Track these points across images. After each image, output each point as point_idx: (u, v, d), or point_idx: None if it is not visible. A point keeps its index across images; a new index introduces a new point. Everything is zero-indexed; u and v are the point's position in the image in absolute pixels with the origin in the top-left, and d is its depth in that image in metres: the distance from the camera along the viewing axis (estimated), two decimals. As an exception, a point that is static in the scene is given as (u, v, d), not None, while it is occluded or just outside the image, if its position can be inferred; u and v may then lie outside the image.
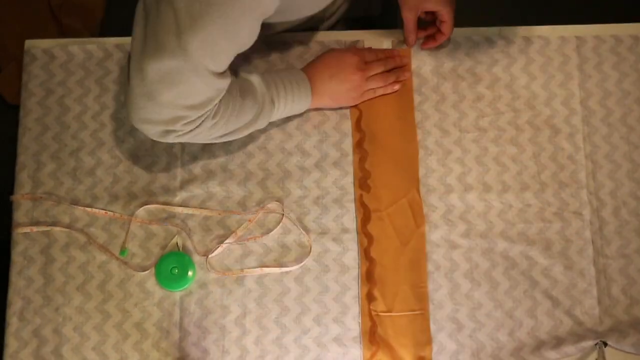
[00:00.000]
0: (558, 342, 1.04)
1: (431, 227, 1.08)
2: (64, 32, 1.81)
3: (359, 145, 1.11)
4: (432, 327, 1.05)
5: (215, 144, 1.09)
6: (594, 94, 1.12)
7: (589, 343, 1.03)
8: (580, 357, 1.04)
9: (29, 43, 1.15)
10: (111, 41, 1.15)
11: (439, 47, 1.13)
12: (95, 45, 1.14)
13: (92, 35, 1.75)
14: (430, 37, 1.12)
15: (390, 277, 1.07)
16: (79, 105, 1.13)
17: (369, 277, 1.07)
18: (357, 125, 1.12)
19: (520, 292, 1.06)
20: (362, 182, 1.10)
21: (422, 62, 1.14)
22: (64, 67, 1.14)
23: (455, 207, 1.09)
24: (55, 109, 1.12)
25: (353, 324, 1.06)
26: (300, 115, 1.11)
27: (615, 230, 1.08)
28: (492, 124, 1.11)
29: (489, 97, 1.12)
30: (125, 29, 1.15)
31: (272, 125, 1.10)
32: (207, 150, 1.11)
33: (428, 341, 1.04)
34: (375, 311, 1.05)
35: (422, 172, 1.10)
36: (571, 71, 1.13)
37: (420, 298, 1.06)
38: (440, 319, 1.05)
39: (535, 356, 1.03)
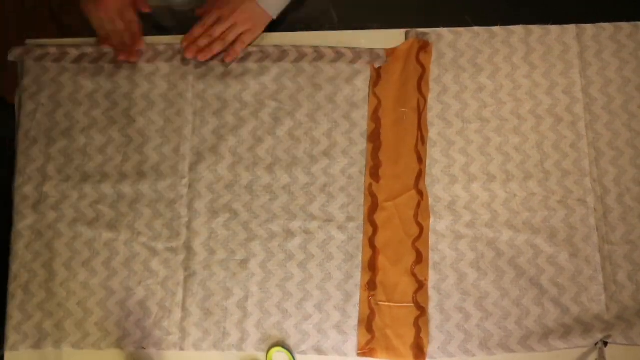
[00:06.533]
0: (565, 330, 0.99)
1: (436, 218, 1.04)
2: (64, 31, 1.81)
3: (373, 135, 1.08)
4: (440, 317, 1.00)
5: (225, 127, 1.07)
6: (595, 82, 1.09)
7: (596, 335, 0.98)
8: (580, 356, 1.00)
9: (29, 43, 1.12)
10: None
11: (440, 38, 1.11)
12: (90, 46, 1.11)
13: (92, 34, 1.76)
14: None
15: (392, 268, 1.02)
16: (92, 84, 1.10)
17: (371, 266, 1.02)
18: (374, 115, 1.08)
19: (527, 281, 1.01)
20: (373, 171, 1.06)
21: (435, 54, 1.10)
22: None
23: (460, 197, 1.04)
24: (70, 86, 1.10)
25: (354, 312, 1.01)
26: (311, 101, 1.09)
27: (619, 217, 1.03)
28: (495, 114, 1.08)
29: (491, 88, 1.09)
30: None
31: (282, 112, 1.08)
32: (217, 133, 1.07)
33: (425, 334, 1.00)
34: (374, 300, 1.02)
35: (426, 163, 1.06)
36: (572, 60, 1.10)
37: (421, 291, 1.02)
38: (448, 309, 1.00)
39: (543, 345, 0.98)
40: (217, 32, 1.09)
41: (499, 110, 1.08)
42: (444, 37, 1.10)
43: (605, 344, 0.99)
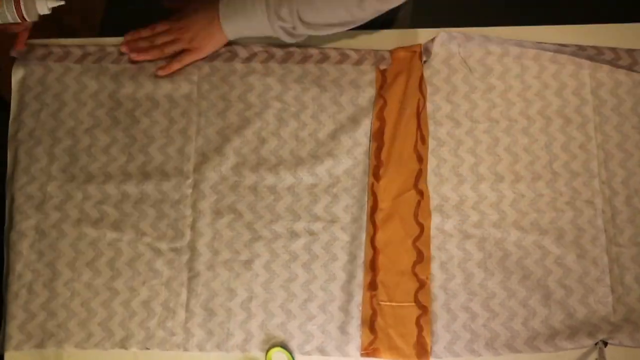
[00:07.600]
0: (572, 332, 0.98)
1: (444, 218, 1.03)
2: (63, 31, 1.80)
3: (377, 133, 1.07)
4: (447, 316, 0.99)
5: (229, 127, 1.06)
6: (605, 84, 1.07)
7: (602, 337, 0.98)
8: (580, 356, 0.99)
9: (29, 43, 1.10)
10: (111, 41, 1.10)
11: (451, 39, 1.09)
12: (93, 45, 1.10)
13: (92, 34, 1.74)
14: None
15: (392, 267, 1.02)
16: (97, 84, 1.08)
17: (372, 265, 1.02)
18: (380, 114, 1.07)
19: (534, 281, 1.00)
20: (375, 170, 1.05)
21: (433, 54, 1.09)
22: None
23: (468, 197, 1.03)
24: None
25: (357, 312, 1.00)
26: (316, 103, 1.08)
27: (627, 219, 1.02)
28: (504, 114, 1.06)
29: (500, 88, 1.08)
30: (125, 29, 1.15)
31: (287, 112, 1.07)
32: (221, 134, 1.06)
33: (427, 333, 0.99)
34: (376, 300, 1.01)
35: (434, 163, 1.05)
36: (582, 61, 1.08)
37: (423, 290, 1.01)
38: (454, 308, 1.00)
39: (550, 345, 0.97)
40: (159, 41, 1.08)
41: (508, 110, 1.08)
42: (454, 38, 1.10)
43: (605, 344, 0.98)
